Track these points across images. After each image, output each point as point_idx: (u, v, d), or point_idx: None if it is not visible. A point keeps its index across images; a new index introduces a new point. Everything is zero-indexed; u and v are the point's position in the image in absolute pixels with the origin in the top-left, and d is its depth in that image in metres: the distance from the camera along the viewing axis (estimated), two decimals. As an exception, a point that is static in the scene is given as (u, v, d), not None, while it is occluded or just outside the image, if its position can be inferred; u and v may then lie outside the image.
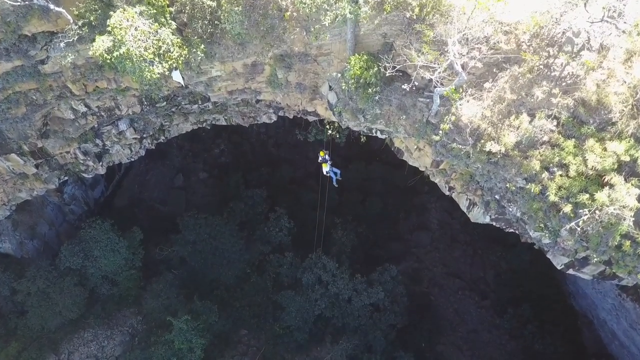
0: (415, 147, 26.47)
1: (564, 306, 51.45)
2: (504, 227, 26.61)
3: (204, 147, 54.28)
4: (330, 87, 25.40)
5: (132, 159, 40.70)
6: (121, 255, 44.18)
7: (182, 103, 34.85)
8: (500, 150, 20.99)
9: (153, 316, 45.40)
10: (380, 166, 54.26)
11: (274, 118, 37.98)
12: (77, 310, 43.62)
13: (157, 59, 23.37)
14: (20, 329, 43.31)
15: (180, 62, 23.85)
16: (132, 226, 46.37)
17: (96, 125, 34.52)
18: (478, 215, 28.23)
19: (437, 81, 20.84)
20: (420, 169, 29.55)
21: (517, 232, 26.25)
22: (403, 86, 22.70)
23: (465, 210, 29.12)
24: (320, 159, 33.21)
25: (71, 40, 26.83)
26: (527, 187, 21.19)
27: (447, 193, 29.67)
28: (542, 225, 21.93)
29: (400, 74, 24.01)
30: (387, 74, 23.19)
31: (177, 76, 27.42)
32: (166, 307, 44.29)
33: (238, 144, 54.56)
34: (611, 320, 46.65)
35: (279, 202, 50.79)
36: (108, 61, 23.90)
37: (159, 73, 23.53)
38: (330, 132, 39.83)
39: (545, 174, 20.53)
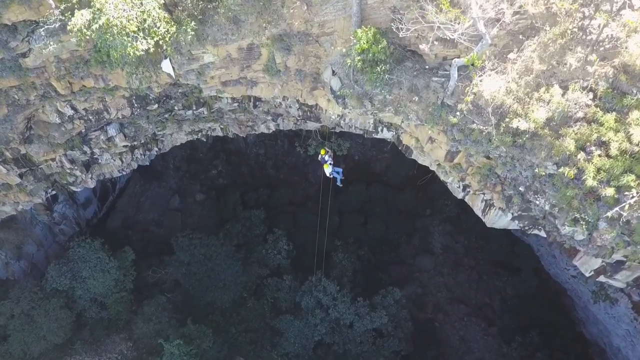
0: (427, 138, 23.15)
1: (574, 334, 47.58)
2: (526, 227, 23.09)
3: (202, 168, 51.00)
4: (333, 72, 22.26)
5: (124, 172, 37.32)
6: (111, 276, 40.31)
7: (176, 108, 31.70)
8: (528, 129, 17.68)
9: (144, 342, 41.16)
10: (381, 188, 50.95)
11: (272, 127, 34.85)
12: (62, 334, 39.33)
13: (141, 34, 20.30)
14: (0, 355, 39.05)
15: (167, 39, 20.76)
16: (124, 247, 42.63)
17: (83, 131, 31.25)
18: (495, 219, 24.74)
19: (460, 42, 17.65)
20: (430, 167, 26.18)
21: (542, 230, 22.70)
22: (416, 67, 19.53)
23: (480, 214, 25.65)
24: (320, 158, 29.81)
25: (53, 26, 23.91)
26: (560, 171, 17.81)
27: (460, 195, 26.22)
28: (576, 216, 18.44)
29: (410, 53, 20.97)
30: (397, 52, 20.17)
31: (166, 66, 24.35)
32: (158, 332, 40.11)
33: (236, 165, 51.31)
34: (626, 347, 42.76)
35: (278, 224, 47.30)
36: (87, 36, 20.90)
37: (143, 50, 20.43)
38: (332, 141, 36.81)
39: (581, 155, 17.21)
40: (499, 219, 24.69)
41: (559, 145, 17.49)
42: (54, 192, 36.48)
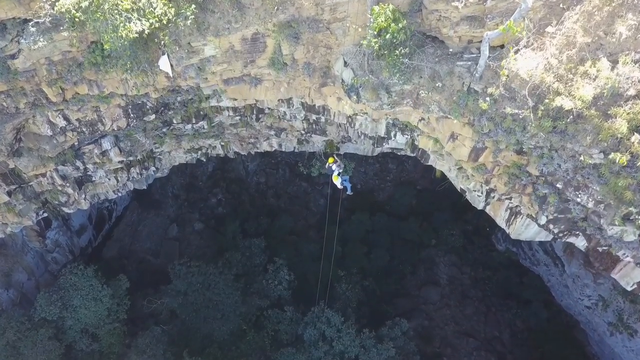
0: (449, 135, 20.41)
1: (589, 369, 43.97)
2: (561, 233, 20.15)
3: (201, 196, 48.11)
4: (345, 63, 19.72)
5: (119, 193, 34.40)
6: (104, 305, 36.89)
7: (174, 121, 29.09)
8: (573, 109, 14.99)
9: (137, 376, 37.51)
10: (384, 217, 48.03)
11: (275, 145, 32.21)
12: (50, 368, 35.73)
13: (135, 14, 17.81)
14: (-18, 389, 35.31)
15: (164, 21, 18.25)
16: (118, 276, 39.36)
17: (76, 144, 28.47)
18: (521, 229, 21.84)
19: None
20: (449, 173, 23.37)
21: (581, 236, 19.76)
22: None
23: (504, 225, 22.75)
24: (327, 167, 26.92)
25: (43, 20, 21.45)
26: (610, 157, 15.03)
27: (481, 205, 23.36)
28: (631, 210, 15.57)
29: (430, 39, 18.49)
30: (417, 38, 17.67)
31: (164, 63, 21.80)
32: (152, 366, 36.58)
33: (236, 193, 48.46)
34: (645, 383, 39.23)
35: (278, 253, 44.13)
36: (77, 19, 18.43)
37: (137, 32, 17.92)
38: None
39: (635, 138, 14.51)
40: (525, 229, 21.79)
41: (608, 127, 14.78)
42: (45, 214, 33.45)
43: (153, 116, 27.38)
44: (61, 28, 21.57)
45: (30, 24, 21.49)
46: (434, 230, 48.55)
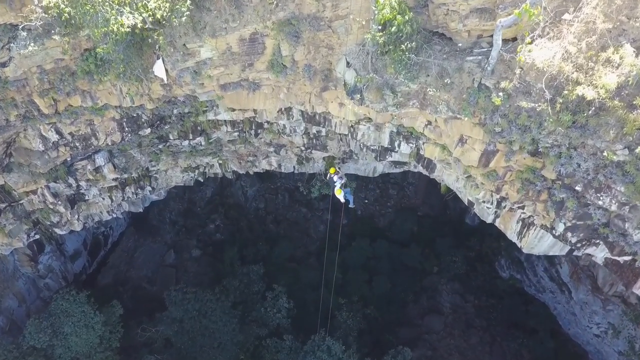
0: (458, 139, 19.00)
1: (598, 401, 41.50)
2: (579, 243, 18.57)
3: (199, 222, 46.45)
4: (347, 63, 18.47)
5: (114, 214, 32.83)
6: (96, 332, 34.77)
7: (170, 137, 27.77)
8: (595, 99, 13.65)
9: (129, 408, 35.24)
10: (385, 244, 46.29)
11: (274, 164, 30.82)
12: (38, 399, 33.49)
13: (127, 8, 16.64)
14: None
15: (158, 16, 17.06)
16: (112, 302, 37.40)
17: (69, 159, 27.07)
18: (534, 242, 20.26)
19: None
20: (456, 184, 21.88)
21: (602, 244, 18.16)
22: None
23: (515, 238, 21.19)
24: (329, 179, 25.36)
25: (34, 24, 20.30)
26: (636, 152, 13.63)
27: (490, 218, 21.84)
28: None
29: (437, 37, 17.30)
30: (423, 35, 16.45)
31: (159, 68, 20.57)
32: (145, 397, 34.35)
33: (235, 219, 46.82)
34: (659, 413, 36.96)
35: (277, 280, 42.19)
36: (65, 14, 17.24)
37: (129, 27, 16.72)
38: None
39: (665, 129, 13.10)
40: (539, 242, 20.21)
41: (634, 119, 13.44)
42: (37, 236, 31.85)
43: (148, 130, 26.04)
44: (53, 32, 20.38)
45: (20, 27, 20.28)
46: (436, 257, 46.80)
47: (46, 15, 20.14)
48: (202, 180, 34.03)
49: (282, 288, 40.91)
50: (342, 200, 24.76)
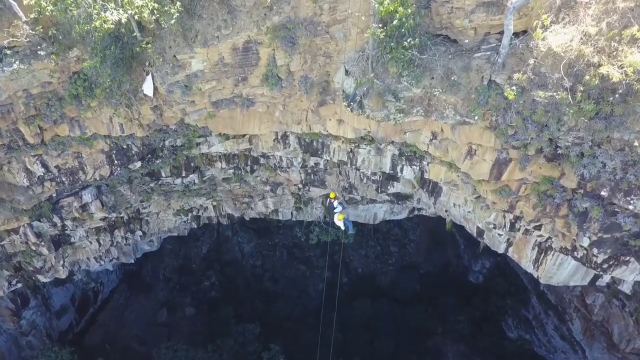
0: (466, 151, 17.16)
1: None
2: (606, 264, 16.37)
3: (194, 279, 43.75)
4: (346, 71, 16.95)
5: (102, 262, 30.48)
6: (78, 393, 31.65)
7: (163, 174, 25.98)
8: (622, 81, 11.96)
9: None
10: (387, 303, 43.44)
11: (271, 206, 28.89)
12: None
13: (112, 4, 15.31)
14: None
15: (145, 15, 15.67)
16: (97, 360, 34.33)
17: (54, 195, 25.14)
18: (553, 269, 18.03)
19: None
20: (464, 208, 19.76)
21: (633, 261, 15.87)
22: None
23: (531, 268, 18.91)
24: (328, 204, 23.26)
25: (21, 40, 19.00)
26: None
27: (502, 247, 19.65)
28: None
29: (441, 39, 15.88)
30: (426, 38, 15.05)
31: (148, 86, 19.10)
32: None
33: (231, 277, 44.15)
34: None
35: (274, 340, 39.07)
36: (48, 12, 15.88)
37: (113, 23, 15.32)
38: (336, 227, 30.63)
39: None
40: (558, 269, 17.92)
41: (667, 102, 11.69)
42: (18, 285, 29.42)
43: (139, 164, 24.29)
44: (39, 48, 19.03)
45: (5, 42, 18.95)
46: (440, 316, 43.72)
47: (33, 32, 18.89)
48: (196, 227, 31.91)
49: (279, 348, 37.82)
50: (342, 226, 22.67)
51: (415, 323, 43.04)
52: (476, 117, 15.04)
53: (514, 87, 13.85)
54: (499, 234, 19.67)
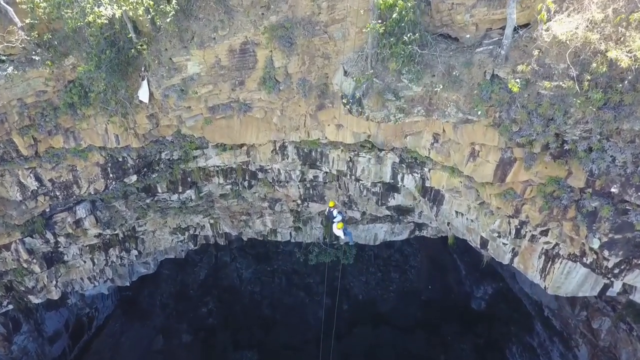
0: (469, 153, 16.50)
1: None
2: (617, 268, 15.49)
3: (191, 306, 42.51)
4: (345, 72, 16.45)
5: (96, 283, 29.48)
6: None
7: (159, 189, 25.31)
8: (631, 66, 11.41)
9: None
10: (388, 330, 42.15)
11: (269, 224, 28.11)
12: None
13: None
14: None
15: (140, 12, 15.27)
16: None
17: (48, 210, 24.40)
18: (561, 278, 17.16)
19: None
20: (467, 217, 18.97)
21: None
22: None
23: (538, 279, 18.07)
24: (327, 213, 22.39)
25: (15, 45, 18.61)
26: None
27: (507, 258, 18.76)
28: None
29: (442, 38, 15.43)
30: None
31: (143, 92, 18.60)
32: None
33: (229, 303, 42.92)
34: None
35: (272, 368, 37.82)
36: (41, 9, 15.49)
37: (107, 18, 14.91)
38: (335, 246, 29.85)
39: None
40: (566, 278, 17.03)
41: (679, 88, 11.11)
42: (10, 306, 28.37)
43: (135, 177, 23.63)
44: (34, 54, 18.62)
45: (0, 48, 18.55)
46: (442, 344, 42.34)
47: (28, 38, 18.53)
48: (193, 247, 31.00)
49: (277, 376, 36.52)
50: (342, 236, 21.82)
51: (417, 351, 41.68)
52: (479, 113, 14.45)
53: (517, 80, 13.30)
54: (503, 243, 18.85)
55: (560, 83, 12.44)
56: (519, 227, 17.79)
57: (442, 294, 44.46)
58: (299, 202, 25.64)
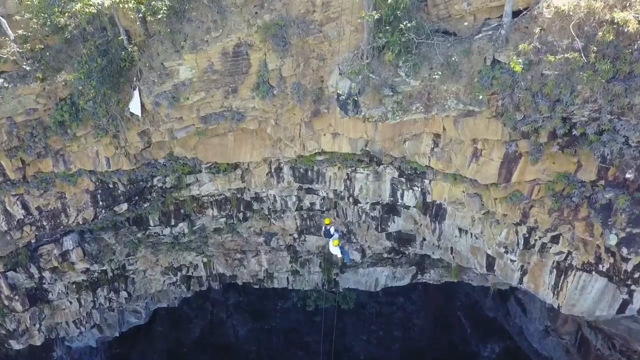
0: (471, 153, 15.42)
1: None
2: (639, 274, 13.91)
3: (185, 364, 39.92)
4: (340, 72, 15.71)
5: (82, 329, 27.51)
6: None
7: (150, 222, 24.14)
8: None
9: None
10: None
11: (265, 264, 26.80)
12: None
13: (96, -10, 14.51)
14: None
15: (130, 4, 14.77)
16: None
17: (33, 241, 23.09)
18: (575, 295, 15.74)
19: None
20: (471, 231, 17.59)
21: None
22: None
23: (550, 297, 16.51)
24: (324, 231, 20.82)
25: (7, 57, 18.10)
26: None
27: (516, 277, 17.25)
28: None
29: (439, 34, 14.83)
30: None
31: (135, 104, 17.88)
32: None
33: (224, 363, 40.35)
34: None
35: None
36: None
37: (96, 7, 14.40)
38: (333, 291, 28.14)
39: None
40: (581, 294, 15.46)
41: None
42: (-11, 351, 26.40)
43: (125, 205, 22.52)
44: (27, 68, 18.11)
45: (-5, 74, 18.03)
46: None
47: (20, 51, 18.09)
48: (186, 293, 29.28)
49: None
50: (339, 255, 20.24)
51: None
52: (480, 97, 13.51)
53: (520, 59, 12.50)
54: (511, 260, 17.36)
55: (566, 55, 11.60)
56: (527, 235, 16.39)
57: (447, 354, 41.76)
58: (296, 235, 24.36)
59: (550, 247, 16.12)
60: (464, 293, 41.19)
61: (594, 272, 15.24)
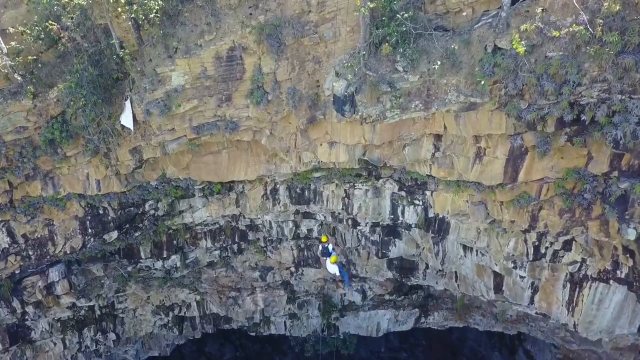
0: (474, 150, 14.42)
1: None
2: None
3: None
4: (337, 73, 15.06)
5: (66, 372, 25.63)
6: None
7: (142, 255, 22.97)
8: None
9: None
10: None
11: (261, 303, 25.48)
12: None
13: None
14: None
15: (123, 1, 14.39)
16: None
17: (17, 272, 21.82)
18: (592, 309, 14.44)
19: None
20: (476, 245, 16.33)
21: None
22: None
23: (564, 317, 15.52)
24: (321, 250, 19.33)
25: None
26: None
27: (527, 296, 16.01)
28: None
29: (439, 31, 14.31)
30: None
31: (126, 116, 17.25)
32: None
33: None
34: None
35: None
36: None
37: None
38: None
39: None
40: (599, 308, 14.04)
41: None
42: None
43: (115, 234, 21.39)
44: (18, 79, 17.65)
45: (-18, 75, 17.61)
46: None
47: (12, 64, 17.69)
48: (178, 337, 27.51)
49: None
50: (337, 273, 18.72)
51: None
52: (482, 82, 12.71)
53: (523, 42, 11.83)
54: (520, 277, 15.96)
55: (571, 28, 10.92)
56: (536, 243, 15.08)
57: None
58: (293, 269, 23.04)
59: (563, 256, 14.81)
60: (470, 348, 38.84)
61: (611, 281, 13.88)
